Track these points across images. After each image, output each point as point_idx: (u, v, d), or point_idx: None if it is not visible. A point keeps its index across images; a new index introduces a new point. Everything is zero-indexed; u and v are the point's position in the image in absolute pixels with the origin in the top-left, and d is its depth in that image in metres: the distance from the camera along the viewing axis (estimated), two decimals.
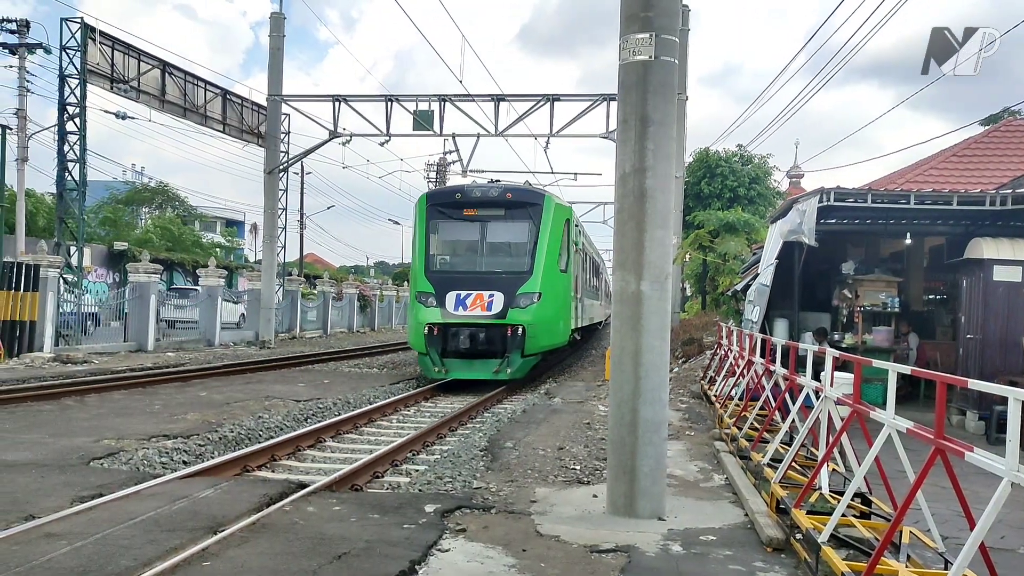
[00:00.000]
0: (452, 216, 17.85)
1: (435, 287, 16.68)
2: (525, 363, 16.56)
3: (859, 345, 13.97)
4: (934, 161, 18.85)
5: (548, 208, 17.41)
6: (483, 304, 16.23)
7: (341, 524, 6.43)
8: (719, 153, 36.43)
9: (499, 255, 17.70)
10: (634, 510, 6.86)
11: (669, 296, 7.18)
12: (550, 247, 17.10)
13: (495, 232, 17.72)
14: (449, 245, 18.43)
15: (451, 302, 16.33)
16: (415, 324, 16.85)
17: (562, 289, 17.77)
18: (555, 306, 17.30)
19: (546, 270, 16.84)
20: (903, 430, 5.12)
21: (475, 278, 16.85)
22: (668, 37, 6.91)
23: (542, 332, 16.65)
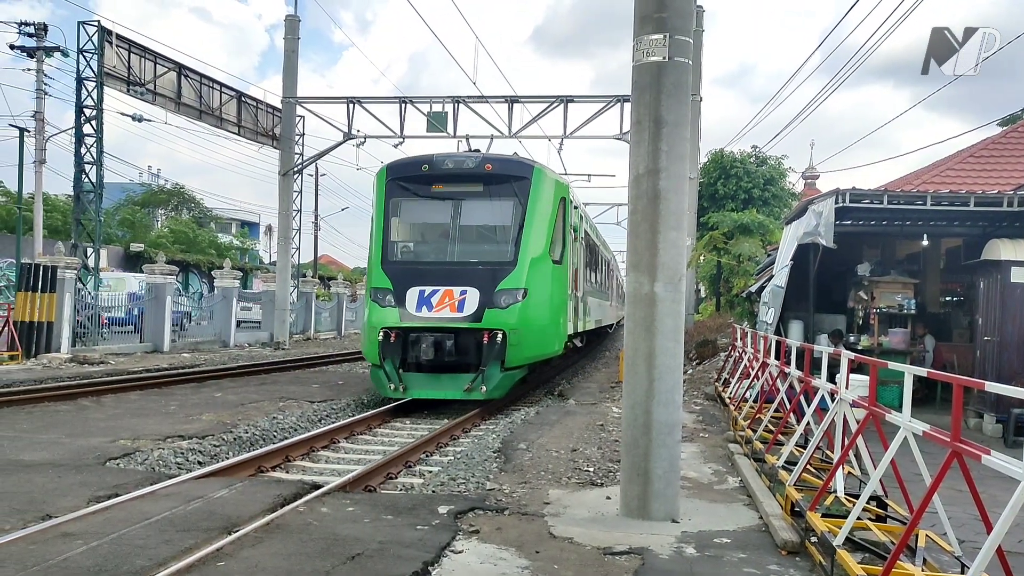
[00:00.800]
0: (417, 193, 14.60)
1: (393, 282, 13.61)
2: (506, 378, 13.28)
3: (875, 347, 13.88)
4: (951, 162, 18.71)
5: (538, 183, 14.22)
6: (453, 303, 13.20)
7: (355, 525, 6.44)
8: (734, 154, 36.28)
9: (475, 241, 14.57)
10: (648, 512, 6.84)
11: (683, 298, 7.16)
12: (540, 232, 13.96)
13: (471, 212, 14.47)
14: (412, 229, 15.30)
15: (412, 300, 13.31)
16: (367, 328, 13.75)
17: (555, 284, 14.49)
18: (545, 306, 14.06)
19: (534, 261, 13.71)
20: (919, 433, 5.08)
21: (444, 270, 13.74)
22: (682, 38, 6.89)
23: (528, 338, 13.46)
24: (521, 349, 13.30)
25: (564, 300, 15.10)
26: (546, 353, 14.72)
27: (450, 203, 14.36)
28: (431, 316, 13.16)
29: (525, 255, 13.62)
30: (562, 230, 14.94)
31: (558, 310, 14.71)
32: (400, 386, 13.03)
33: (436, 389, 13.15)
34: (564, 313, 15.11)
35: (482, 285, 13.27)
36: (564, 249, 15.00)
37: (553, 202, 14.51)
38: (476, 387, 12.87)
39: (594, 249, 23.01)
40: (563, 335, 15.20)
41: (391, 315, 13.33)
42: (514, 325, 13.14)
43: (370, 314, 13.74)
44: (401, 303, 13.34)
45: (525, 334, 13.33)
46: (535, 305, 13.61)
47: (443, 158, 14.60)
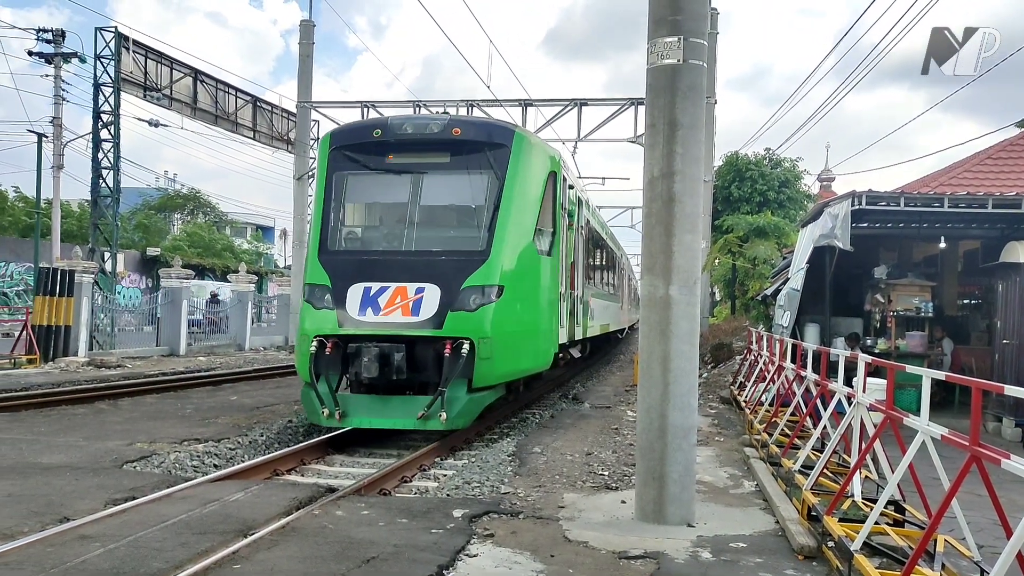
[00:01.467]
0: (367, 165, 11.78)
1: (332, 277, 10.76)
2: (473, 402, 10.27)
3: (892, 350, 13.79)
4: (968, 164, 18.55)
5: (521, 152, 11.26)
6: (406, 304, 10.36)
7: (370, 528, 6.45)
8: (748, 157, 36.16)
9: (438, 226, 11.75)
10: (663, 516, 6.81)
11: (698, 301, 7.14)
12: (522, 214, 11.16)
13: (434, 189, 11.56)
14: (360, 210, 12.41)
15: (355, 301, 10.45)
16: (298, 337, 11.04)
17: (542, 280, 11.75)
18: (528, 307, 11.31)
19: (514, 250, 10.87)
20: (937, 437, 5.04)
21: (396, 262, 10.91)
22: (697, 41, 6.87)
23: (504, 350, 10.53)
24: (494, 363, 10.35)
25: (554, 300, 12.27)
26: (528, 368, 11.86)
27: (408, 178, 11.46)
28: (378, 321, 10.28)
29: (502, 243, 10.71)
30: (552, 213, 12.12)
31: (545, 313, 11.90)
32: (336, 412, 10.06)
33: (382, 416, 10.27)
34: (554, 316, 12.31)
35: (445, 281, 10.43)
36: (555, 237, 12.21)
37: (540, 177, 11.72)
38: (433, 414, 9.86)
39: (599, 242, 20.14)
40: (552, 344, 12.38)
41: (327, 320, 10.50)
42: (485, 332, 10.21)
43: (302, 319, 11.00)
44: (341, 304, 10.47)
45: (500, 344, 10.39)
46: (514, 306, 10.78)
47: (401, 121, 11.69)
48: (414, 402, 10.17)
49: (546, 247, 11.86)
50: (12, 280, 36.06)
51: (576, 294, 14.59)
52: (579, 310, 15.11)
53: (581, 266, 15.38)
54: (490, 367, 10.29)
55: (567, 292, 13.37)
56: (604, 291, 21.18)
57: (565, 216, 13.09)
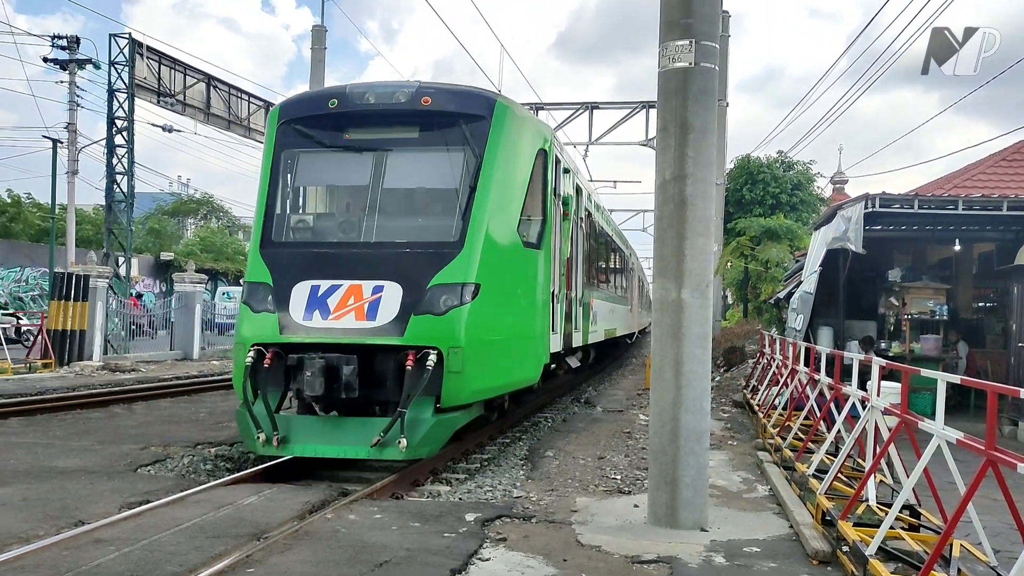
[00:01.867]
0: (321, 142, 10.17)
1: (274, 274, 9.18)
2: (441, 425, 8.66)
3: (907, 354, 13.72)
4: (983, 166, 18.45)
5: (504, 125, 9.60)
6: (360, 306, 8.79)
7: (382, 532, 6.46)
8: (760, 159, 36.07)
9: (403, 213, 10.07)
10: (676, 520, 6.79)
11: (710, 304, 7.12)
12: (504, 199, 9.56)
13: (398, 170, 9.82)
14: (311, 195, 10.83)
15: (300, 302, 8.86)
16: (234, 345, 9.45)
17: (529, 278, 10.12)
18: (511, 309, 9.74)
19: (493, 242, 9.22)
20: (953, 441, 5.01)
21: (351, 256, 9.29)
22: (708, 43, 6.86)
23: (480, 361, 8.92)
24: (467, 378, 8.68)
25: (544, 301, 10.54)
26: (511, 382, 10.09)
27: (369, 156, 9.78)
28: (325, 326, 8.67)
29: (479, 233, 9.06)
30: (542, 199, 10.49)
31: (533, 316, 10.22)
32: (275, 437, 8.42)
33: (332, 442, 8.60)
34: (544, 320, 10.58)
35: (408, 278, 8.80)
36: (546, 227, 10.47)
37: (528, 155, 10.10)
38: (391, 440, 8.20)
39: (604, 237, 18.30)
40: (542, 353, 10.67)
41: (265, 325, 8.87)
42: (456, 340, 8.58)
43: (238, 324, 9.38)
44: (283, 306, 8.87)
45: (475, 354, 8.76)
46: (493, 308, 9.17)
47: (362, 90, 9.87)
48: (371, 425, 8.47)
49: (535, 238, 10.23)
50: (27, 285, 36.34)
51: (574, 295, 13.01)
52: (577, 313, 13.38)
53: (580, 263, 13.65)
54: (462, 382, 8.65)
55: (561, 292, 11.71)
56: (610, 292, 19.51)
57: (559, 203, 11.42)
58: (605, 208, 21.01)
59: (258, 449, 8.60)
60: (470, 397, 9.00)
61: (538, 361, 10.57)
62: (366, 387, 8.57)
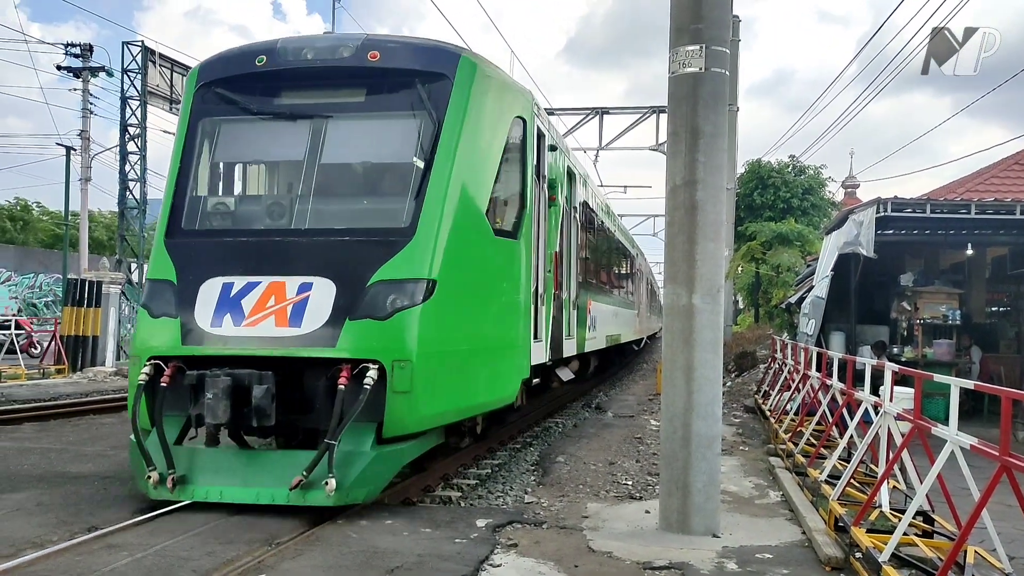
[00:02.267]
0: (247, 108, 8.34)
1: (179, 269, 7.59)
2: (384, 460, 7.12)
3: (919, 359, 13.64)
4: (995, 169, 18.36)
5: (470, 86, 7.97)
6: (282, 309, 7.16)
7: (394, 538, 6.46)
8: (771, 164, 36.00)
9: (344, 194, 8.45)
10: (687, 526, 6.77)
11: (721, 309, 7.11)
12: (470, 176, 7.87)
13: (340, 141, 8.26)
14: (232, 174, 8.91)
15: (207, 304, 7.27)
16: (129, 359, 8.45)
17: (501, 273, 8.50)
18: (477, 312, 8.11)
19: (455, 227, 7.60)
20: (967, 446, 4.98)
21: (273, 247, 7.67)
22: (718, 49, 6.86)
23: (436, 377, 7.34)
24: (417, 399, 7.02)
25: (523, 303, 8.85)
26: (478, 403, 8.33)
27: (305, 125, 8.12)
28: (237, 334, 7.05)
29: (435, 216, 7.40)
30: (520, 178, 8.92)
31: (508, 320, 8.61)
32: (171, 477, 6.90)
33: (242, 482, 6.92)
34: (522, 326, 8.88)
35: (344, 273, 7.21)
36: (525, 213, 8.88)
37: (501, 125, 8.51)
38: (317, 480, 6.61)
39: (604, 233, 16.48)
40: (520, 366, 8.93)
41: (165, 333, 7.30)
42: (404, 351, 6.97)
43: (135, 332, 7.93)
44: (187, 310, 7.22)
45: (428, 368, 7.13)
46: (454, 311, 7.55)
47: (299, 45, 8.27)
48: (294, 460, 6.86)
49: (510, 226, 8.64)
50: (41, 291, 36.60)
51: (566, 296, 11.40)
52: (570, 317, 11.73)
53: (574, 259, 12.11)
54: (411, 405, 6.98)
55: (548, 292, 10.11)
56: (612, 295, 17.84)
57: (543, 186, 9.80)
58: (606, 201, 19.06)
59: (149, 492, 6.95)
60: (421, 424, 7.26)
61: (515, 376, 8.79)
62: (288, 412, 7.03)
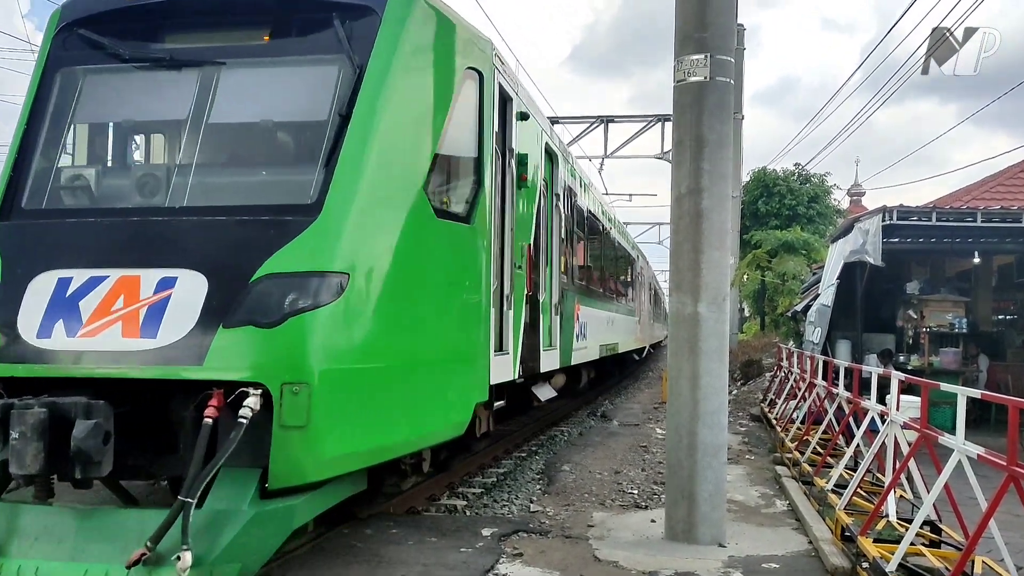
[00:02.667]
0: (118, 55, 6.27)
1: (7, 260, 5.64)
2: (268, 523, 5.06)
3: (926, 367, 13.61)
4: (1001, 177, 18.35)
5: (402, 24, 6.18)
6: (132, 313, 5.25)
7: (399, 547, 6.45)
8: (776, 172, 36.00)
9: (234, 162, 6.48)
10: (693, 536, 6.74)
11: (727, 318, 7.10)
12: (399, 139, 6.15)
13: (233, 95, 6.28)
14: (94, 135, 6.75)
15: (35, 307, 5.35)
16: None
17: (444, 266, 6.71)
18: (408, 317, 6.14)
19: (379, 204, 5.88)
20: (974, 456, 4.97)
21: (129, 230, 5.69)
22: (723, 58, 6.87)
23: (346, 407, 5.47)
24: (320, 437, 5.26)
25: (478, 304, 7.08)
26: (410, 438, 6.42)
27: (190, 75, 6.22)
28: (70, 348, 5.26)
29: (350, 188, 5.68)
30: (476, 148, 7.14)
31: (456, 327, 6.86)
32: None
33: (69, 554, 4.89)
34: (478, 334, 7.11)
35: (220, 264, 5.45)
36: (481, 192, 7.11)
37: (445, 75, 6.69)
38: (168, 553, 4.67)
39: (599, 229, 15.01)
40: (474, 386, 7.15)
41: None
42: (300, 369, 5.21)
43: None
44: (10, 314, 5.41)
45: (335, 392, 5.36)
46: (375, 314, 5.73)
47: None
48: (139, 523, 4.90)
49: (460, 206, 6.86)
50: None
51: (546, 298, 9.83)
52: (551, 324, 10.16)
53: (556, 256, 10.45)
54: (309, 444, 5.14)
55: (518, 292, 8.46)
56: (608, 299, 16.15)
57: (510, 162, 8.12)
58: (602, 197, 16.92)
59: None
60: (324, 470, 5.31)
61: (466, 398, 6.96)
62: (140, 455, 5.29)
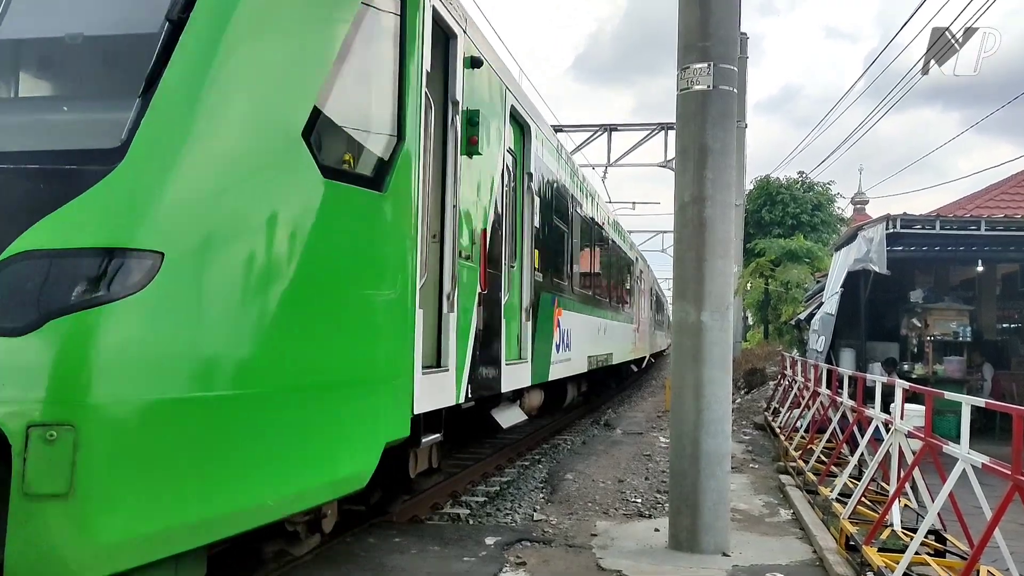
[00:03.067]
0: None
1: None
2: None
3: (930, 376, 13.58)
4: (1005, 186, 18.31)
5: None
6: None
7: (402, 556, 6.44)
8: (780, 180, 36.00)
9: (26, 94, 4.65)
10: (697, 545, 6.72)
11: (730, 326, 7.09)
12: (262, 60, 4.34)
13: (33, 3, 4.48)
14: None
15: None
16: None
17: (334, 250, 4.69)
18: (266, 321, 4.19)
19: (224, 152, 4.07)
20: (978, 465, 4.95)
21: None
22: (726, 66, 6.88)
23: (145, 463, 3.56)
24: (97, 510, 3.40)
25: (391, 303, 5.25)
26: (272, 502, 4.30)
27: None
28: None
29: (173, 124, 3.94)
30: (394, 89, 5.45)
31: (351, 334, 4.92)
32: None
33: None
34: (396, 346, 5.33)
35: None
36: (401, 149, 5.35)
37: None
38: None
39: (583, 219, 12.99)
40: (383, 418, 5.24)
41: None
42: (64, 403, 3.39)
43: None
44: None
45: (124, 440, 3.51)
46: (207, 315, 3.95)
47: None
48: None
49: (367, 167, 5.11)
50: None
51: (510, 299, 8.22)
52: (519, 332, 8.61)
53: (526, 248, 8.82)
54: (75, 523, 3.39)
55: (468, 291, 6.83)
56: (600, 304, 14.57)
57: (454, 118, 6.42)
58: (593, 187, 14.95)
59: None
60: (104, 564, 3.49)
61: (365, 439, 5.03)
62: None
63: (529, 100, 9.58)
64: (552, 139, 10.87)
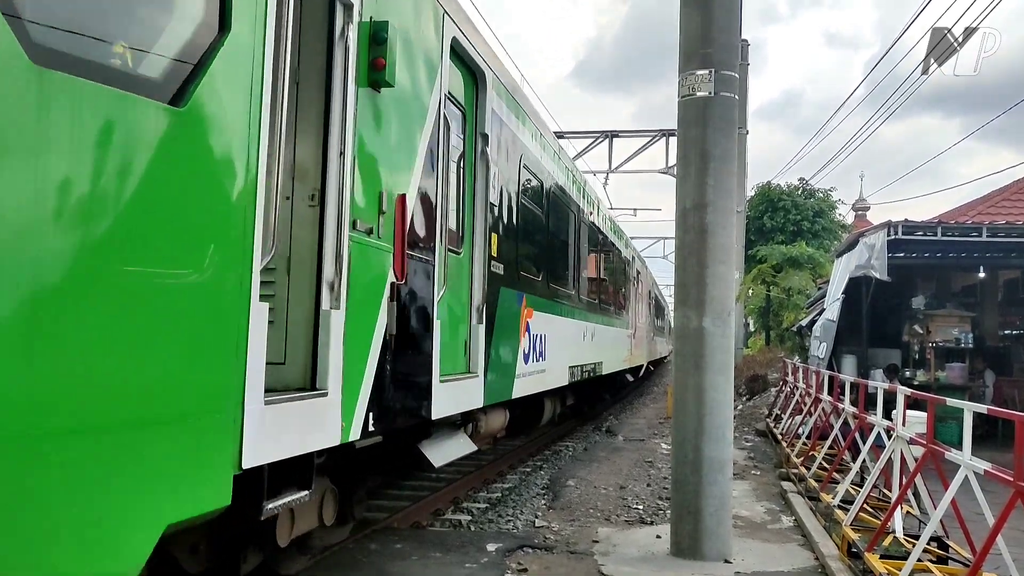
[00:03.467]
0: None
1: None
2: None
3: (932, 382, 13.57)
4: (1007, 192, 18.33)
5: None
6: None
7: (403, 563, 6.43)
8: (781, 186, 36.02)
9: None
10: (699, 552, 6.71)
11: (732, 332, 7.09)
12: None
13: None
14: None
15: None
16: None
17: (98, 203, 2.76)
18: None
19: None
20: (981, 472, 4.94)
21: None
22: (728, 73, 6.90)
23: None
24: None
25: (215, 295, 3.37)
26: None
27: None
28: None
29: None
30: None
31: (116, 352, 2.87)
32: None
33: None
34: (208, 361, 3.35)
35: None
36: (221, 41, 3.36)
37: None
38: None
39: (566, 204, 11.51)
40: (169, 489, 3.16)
41: None
42: None
43: None
44: None
45: None
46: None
47: None
48: None
49: (154, 67, 3.17)
50: None
51: (451, 295, 6.51)
52: (467, 338, 7.04)
53: (479, 230, 7.17)
54: None
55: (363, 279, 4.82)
56: (588, 306, 13.07)
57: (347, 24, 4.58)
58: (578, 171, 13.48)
59: None
60: None
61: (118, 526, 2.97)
62: None
63: (487, 44, 7.52)
64: (523, 101, 8.95)
